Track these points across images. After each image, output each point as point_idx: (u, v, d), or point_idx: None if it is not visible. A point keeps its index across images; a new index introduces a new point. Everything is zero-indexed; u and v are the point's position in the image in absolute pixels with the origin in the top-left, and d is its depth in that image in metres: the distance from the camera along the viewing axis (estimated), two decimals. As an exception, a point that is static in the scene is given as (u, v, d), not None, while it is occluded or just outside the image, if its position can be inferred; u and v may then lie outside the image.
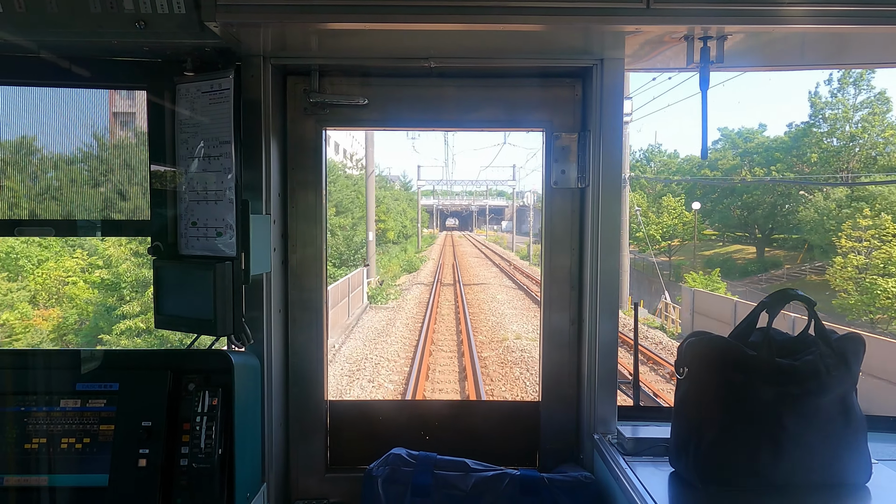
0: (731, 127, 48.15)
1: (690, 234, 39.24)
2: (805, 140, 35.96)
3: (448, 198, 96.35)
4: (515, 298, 22.45)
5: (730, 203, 40.28)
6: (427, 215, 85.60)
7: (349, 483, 2.03)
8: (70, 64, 1.74)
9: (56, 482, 1.54)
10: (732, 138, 43.12)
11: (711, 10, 1.51)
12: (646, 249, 39.23)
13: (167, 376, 1.59)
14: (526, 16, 1.52)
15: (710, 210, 41.21)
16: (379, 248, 35.99)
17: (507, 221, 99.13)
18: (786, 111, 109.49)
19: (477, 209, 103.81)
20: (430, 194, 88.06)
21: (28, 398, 1.60)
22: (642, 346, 13.66)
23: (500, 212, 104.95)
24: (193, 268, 1.69)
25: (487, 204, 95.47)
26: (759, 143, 41.24)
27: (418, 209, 60.21)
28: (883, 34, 1.62)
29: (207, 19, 1.51)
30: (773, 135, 42.09)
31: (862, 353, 1.50)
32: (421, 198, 67.74)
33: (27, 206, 1.97)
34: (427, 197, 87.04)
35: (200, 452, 1.54)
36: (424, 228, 74.65)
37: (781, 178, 36.34)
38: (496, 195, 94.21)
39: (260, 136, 1.79)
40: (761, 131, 43.02)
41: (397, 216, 48.30)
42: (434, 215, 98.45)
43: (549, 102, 2.03)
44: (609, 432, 1.87)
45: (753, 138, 42.15)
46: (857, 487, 1.48)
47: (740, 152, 41.56)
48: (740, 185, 38.72)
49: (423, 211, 70.38)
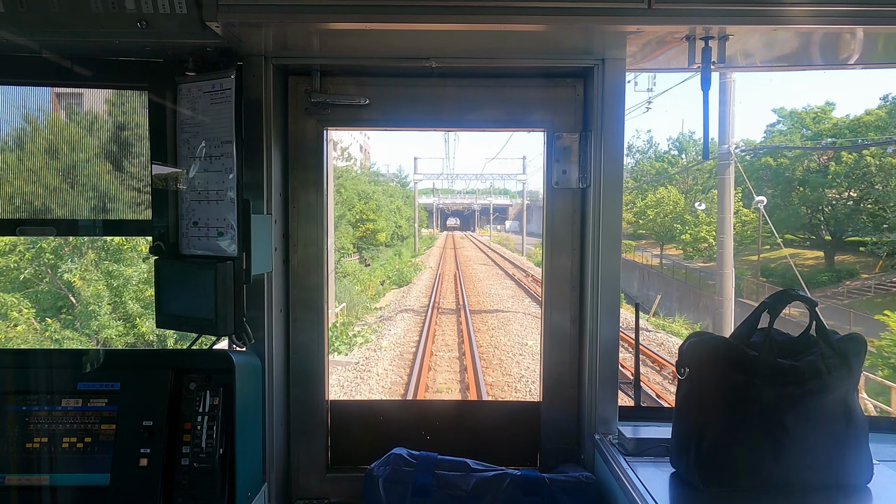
0: (792, 106, 39.11)
1: (752, 236, 31.15)
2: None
3: (449, 196, 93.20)
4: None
5: (797, 198, 31.61)
6: (426, 214, 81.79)
7: (350, 483, 2.03)
8: (72, 64, 1.74)
9: (57, 481, 1.55)
10: (800, 118, 34.06)
11: (713, 10, 1.51)
12: (692, 256, 34.27)
13: (168, 376, 1.59)
14: (527, 16, 1.52)
15: (773, 207, 30.94)
16: (368, 253, 31.97)
17: (510, 221, 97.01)
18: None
19: (479, 208, 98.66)
20: (430, 192, 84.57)
21: (29, 397, 1.60)
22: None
23: (504, 210, 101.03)
24: (195, 267, 1.69)
25: (491, 202, 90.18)
26: (836, 123, 32.17)
27: (415, 206, 53.26)
28: (885, 34, 1.62)
29: (209, 19, 1.51)
30: (846, 113, 33.28)
31: (863, 354, 1.50)
32: (419, 196, 61.29)
33: (28, 206, 1.97)
34: (426, 195, 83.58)
35: (201, 452, 1.54)
36: (423, 228, 70.64)
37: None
38: (500, 193, 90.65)
39: (261, 136, 1.79)
40: (830, 110, 33.80)
41: (390, 215, 42.59)
42: (434, 215, 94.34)
43: (550, 102, 2.03)
44: (610, 432, 1.87)
45: (824, 119, 33.04)
46: (858, 488, 1.48)
47: (810, 135, 32.58)
48: (814, 175, 30.58)
49: (422, 209, 66.79)
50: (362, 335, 13.88)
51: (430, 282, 27.04)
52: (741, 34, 1.62)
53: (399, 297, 22.34)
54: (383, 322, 16.41)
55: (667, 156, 48.84)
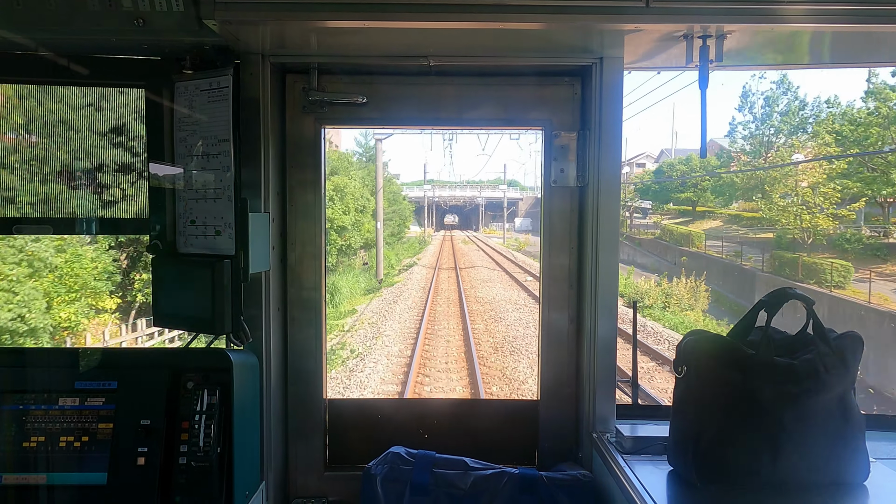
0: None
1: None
2: None
3: (447, 188, 76.86)
4: None
5: None
6: (414, 207, 59.07)
7: (348, 481, 2.03)
8: (68, 62, 1.74)
9: (54, 480, 1.54)
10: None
11: (710, 8, 1.51)
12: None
13: (166, 374, 1.59)
14: (525, 14, 1.52)
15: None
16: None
17: (521, 218, 77.34)
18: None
19: (484, 202, 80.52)
20: (419, 185, 67.75)
21: (27, 396, 1.59)
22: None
23: (513, 204, 76.96)
24: (192, 266, 1.69)
25: (505, 196, 70.13)
26: None
27: (377, 178, 26.54)
28: (883, 33, 1.62)
29: (206, 17, 1.51)
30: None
31: (860, 352, 1.50)
32: (403, 188, 49.76)
33: (25, 204, 1.97)
34: (415, 188, 67.56)
35: (199, 451, 1.54)
36: (410, 226, 53.26)
37: None
38: (509, 186, 74.31)
39: (259, 135, 1.79)
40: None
41: (358, 200, 25.91)
42: (429, 210, 72.60)
43: (548, 101, 2.03)
44: (608, 431, 1.87)
45: None
46: (855, 486, 1.48)
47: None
48: None
49: (406, 202, 48.87)
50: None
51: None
52: (739, 32, 1.62)
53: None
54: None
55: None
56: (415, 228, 61.17)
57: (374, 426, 2.10)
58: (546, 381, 2.08)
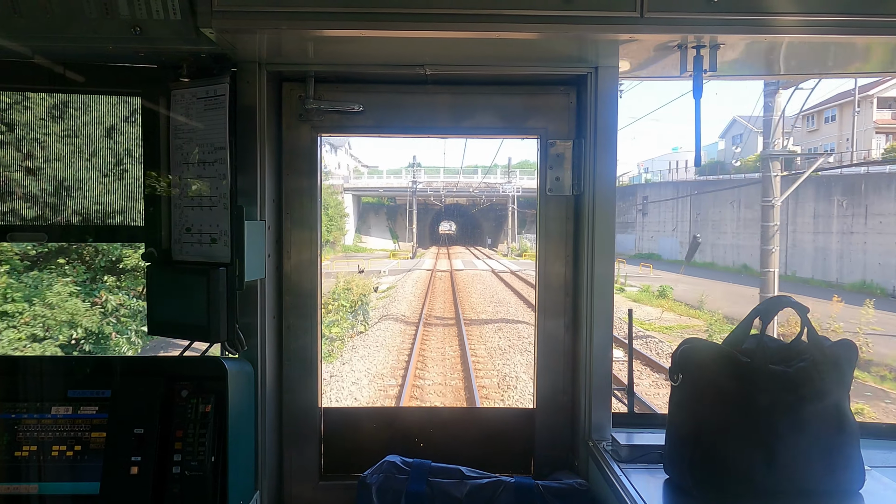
0: None
1: None
2: None
3: (437, 175, 48.29)
4: None
5: None
6: (380, 216, 38.88)
7: (343, 491, 2.01)
8: (65, 69, 1.74)
9: (47, 490, 1.53)
10: None
11: (704, 19, 1.53)
12: None
13: (160, 383, 1.58)
14: (521, 24, 1.53)
15: None
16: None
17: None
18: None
19: (486, 201, 50.79)
20: (376, 173, 44.52)
21: (19, 405, 1.58)
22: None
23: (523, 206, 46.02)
24: (187, 274, 1.68)
25: (522, 187, 43.04)
26: None
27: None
28: (876, 44, 1.64)
29: (203, 25, 1.51)
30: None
31: (855, 360, 1.51)
32: (351, 180, 31.12)
33: (19, 211, 1.96)
34: (391, 177, 44.49)
35: (193, 460, 1.53)
36: (368, 239, 33.96)
37: None
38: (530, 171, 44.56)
39: (255, 142, 1.79)
40: None
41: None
42: (411, 212, 43.93)
43: (543, 110, 2.04)
44: (604, 439, 1.87)
45: None
46: (851, 494, 1.48)
47: None
48: None
49: (337, 198, 31.84)
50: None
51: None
52: (733, 43, 1.63)
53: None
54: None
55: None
56: (380, 243, 42.98)
57: (370, 435, 2.09)
58: (542, 390, 2.08)
